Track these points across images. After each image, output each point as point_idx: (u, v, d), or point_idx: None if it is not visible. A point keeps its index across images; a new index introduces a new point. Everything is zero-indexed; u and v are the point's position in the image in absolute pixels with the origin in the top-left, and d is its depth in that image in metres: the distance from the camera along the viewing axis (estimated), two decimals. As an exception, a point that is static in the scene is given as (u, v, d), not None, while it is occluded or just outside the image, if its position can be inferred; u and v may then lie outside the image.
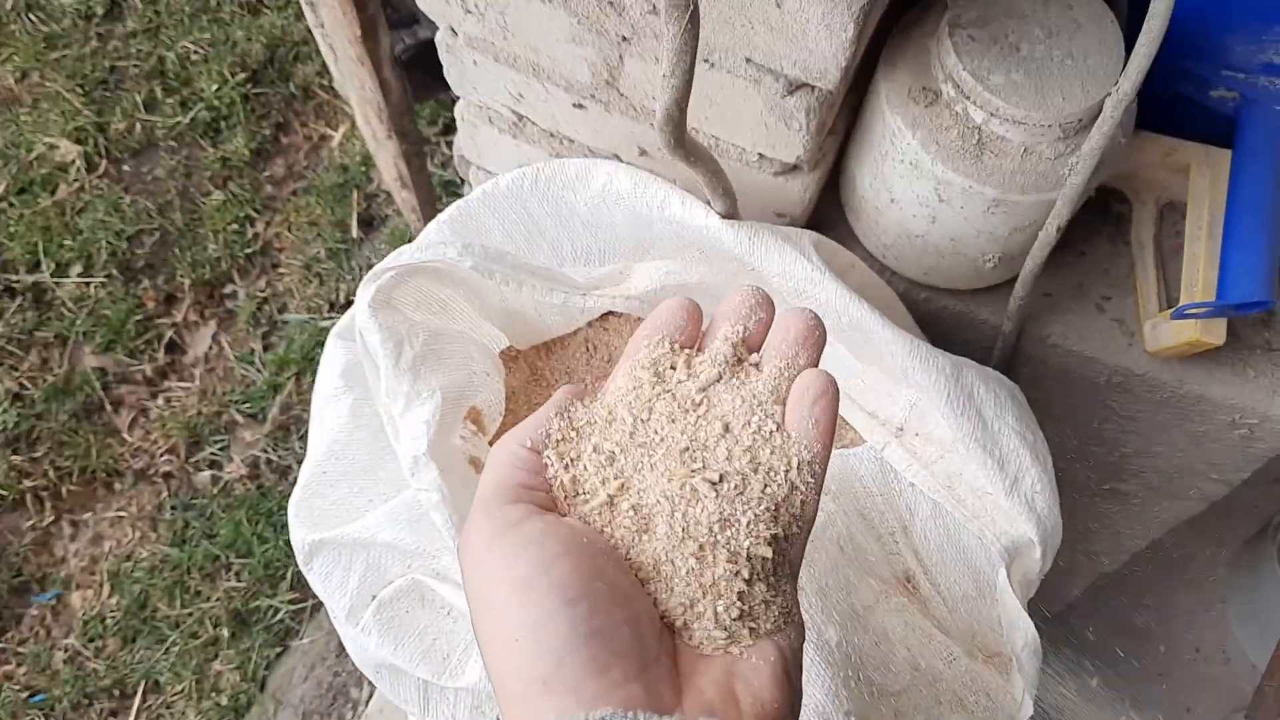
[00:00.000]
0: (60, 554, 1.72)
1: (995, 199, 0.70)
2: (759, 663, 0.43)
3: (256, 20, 2.07)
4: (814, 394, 0.47)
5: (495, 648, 0.41)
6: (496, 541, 0.42)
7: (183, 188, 1.95)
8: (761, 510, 0.45)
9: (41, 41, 2.05)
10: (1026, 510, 0.70)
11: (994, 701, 0.74)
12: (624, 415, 0.48)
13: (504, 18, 0.76)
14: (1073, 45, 0.69)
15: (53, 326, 1.83)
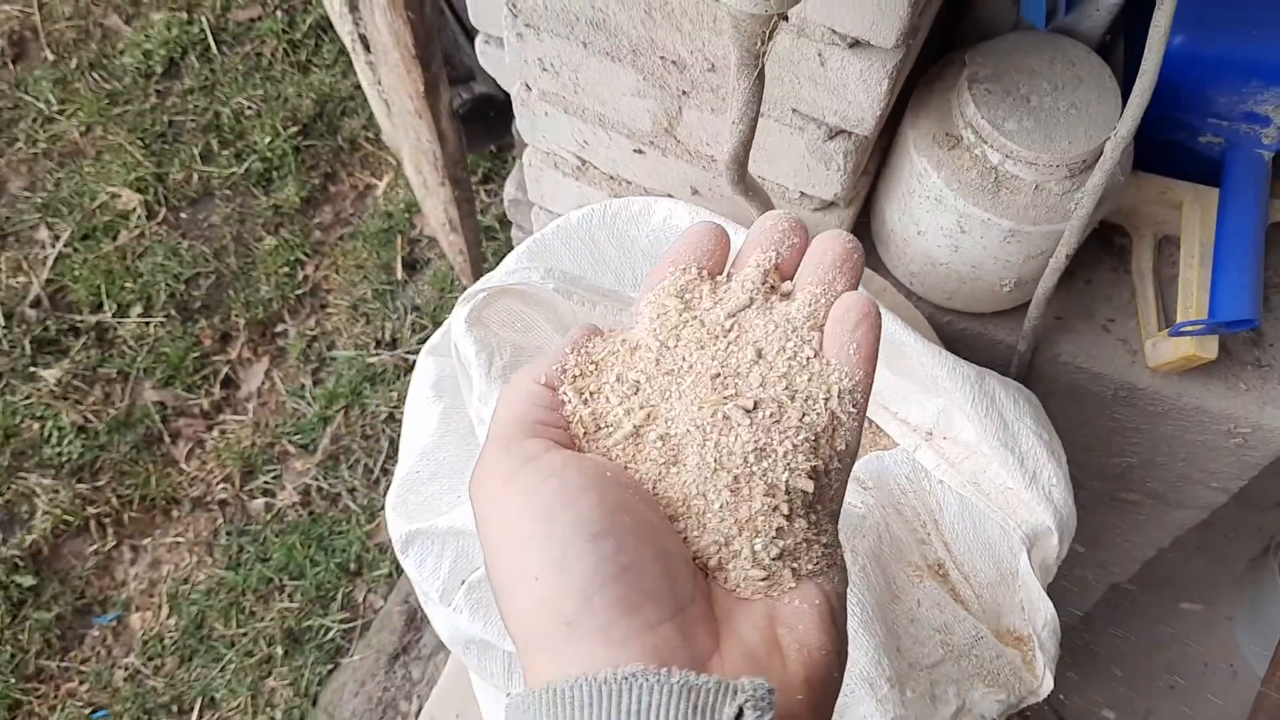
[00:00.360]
0: (121, 577, 1.81)
1: (1011, 229, 0.80)
2: (803, 606, 0.40)
3: (306, 78, 2.20)
4: (855, 317, 0.44)
5: (514, 589, 0.38)
6: (514, 476, 0.39)
7: (237, 233, 2.06)
8: (800, 440, 0.42)
9: (105, 98, 2.18)
10: (1044, 501, 0.79)
11: (1019, 678, 0.83)
12: (649, 343, 0.45)
13: (576, 75, 0.87)
14: (1076, 97, 0.79)
15: (115, 363, 1.93)
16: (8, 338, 1.94)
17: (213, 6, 2.27)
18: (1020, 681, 0.83)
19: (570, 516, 0.37)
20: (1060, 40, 0.82)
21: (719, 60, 0.78)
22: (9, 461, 1.85)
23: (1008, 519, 0.81)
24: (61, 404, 1.89)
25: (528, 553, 0.37)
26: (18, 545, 1.79)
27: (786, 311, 0.45)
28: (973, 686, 0.82)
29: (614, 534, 0.37)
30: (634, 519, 0.38)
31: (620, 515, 0.38)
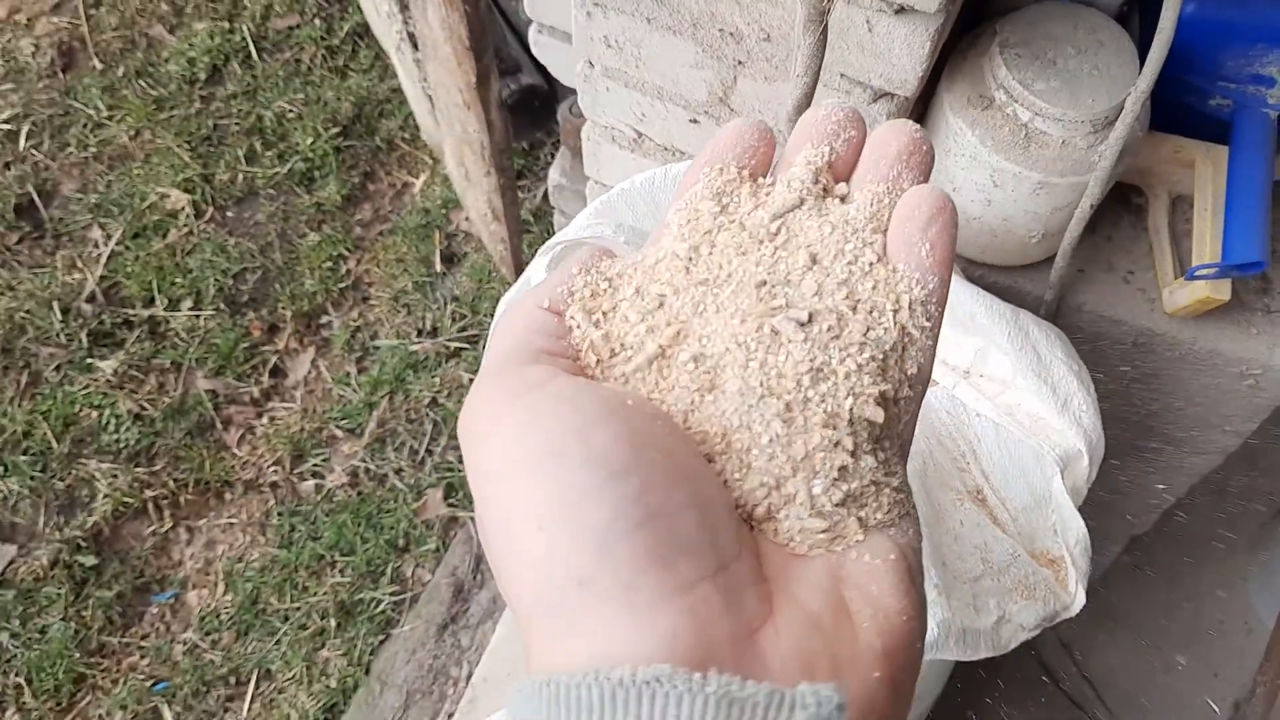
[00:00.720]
0: (178, 557, 1.89)
1: (1040, 182, 0.89)
2: (875, 562, 0.33)
3: (344, 82, 2.29)
4: (926, 213, 0.37)
5: (512, 545, 0.31)
6: (513, 406, 0.32)
7: (281, 230, 2.15)
8: (865, 359, 0.35)
9: (152, 104, 2.27)
10: (1075, 426, 0.87)
11: (1053, 594, 0.91)
12: (677, 249, 0.38)
13: (639, 50, 0.95)
14: (1098, 60, 0.88)
15: (168, 355, 2.02)
16: (65, 331, 2.02)
17: (253, 15, 2.37)
18: (1055, 597, 0.91)
19: (583, 450, 0.30)
20: (1082, 10, 0.90)
21: (774, 30, 0.86)
22: (70, 448, 1.93)
23: (1041, 444, 0.89)
24: (118, 393, 1.97)
25: (529, 498, 0.30)
26: (80, 527, 1.87)
27: (845, 213, 0.38)
28: (1011, 599, 0.89)
29: (639, 471, 0.30)
30: (663, 454, 0.32)
31: (646, 449, 0.31)
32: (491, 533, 0.32)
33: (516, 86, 1.49)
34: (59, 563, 1.85)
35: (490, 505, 0.32)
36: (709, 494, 0.32)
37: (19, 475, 1.90)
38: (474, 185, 1.70)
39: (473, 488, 0.33)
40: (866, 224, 0.38)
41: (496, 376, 0.34)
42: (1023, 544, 0.91)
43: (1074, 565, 0.89)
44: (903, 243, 0.37)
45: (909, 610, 0.32)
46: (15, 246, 2.12)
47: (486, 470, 0.32)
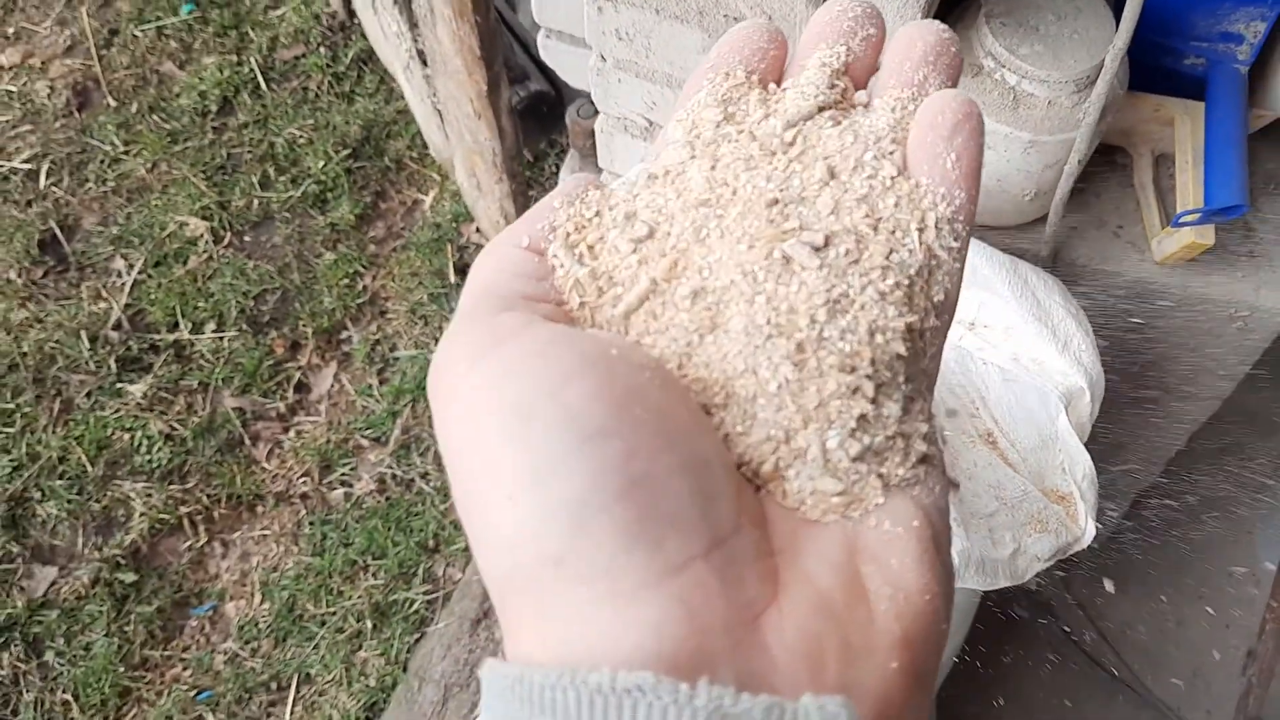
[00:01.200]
0: (214, 570, 1.94)
1: (1030, 140, 0.95)
2: (895, 530, 0.30)
3: (352, 106, 2.37)
4: (951, 121, 0.34)
5: (482, 516, 0.28)
6: (481, 360, 0.29)
7: (298, 251, 2.22)
8: (889, 286, 0.32)
9: (166, 137, 2.34)
10: (1076, 365, 0.93)
11: (1065, 527, 0.96)
12: (674, 165, 0.35)
13: (649, 40, 1.02)
14: (1077, 24, 0.94)
15: (195, 376, 2.08)
16: (94, 359, 2.09)
17: (260, 48, 2.44)
18: (1066, 529, 0.96)
19: (557, 409, 0.27)
20: (1059, -20, 0.97)
21: (775, 11, 0.93)
22: (105, 471, 1.99)
23: (1045, 384, 0.95)
24: (149, 415, 2.03)
25: (498, 465, 0.27)
26: (118, 546, 1.92)
27: (865, 122, 0.35)
28: (1026, 532, 0.95)
29: (620, 433, 0.27)
30: (650, 411, 0.28)
31: (630, 406, 0.28)
32: (462, 506, 0.29)
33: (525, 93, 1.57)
34: (100, 581, 1.90)
35: (458, 474, 0.29)
36: (705, 454, 0.29)
37: (56, 499, 1.96)
38: (485, 194, 1.77)
39: (442, 453, 0.29)
40: (887, 133, 0.34)
41: (465, 327, 0.31)
42: (1033, 482, 0.97)
43: (1082, 499, 0.95)
44: (926, 154, 0.34)
45: (932, 587, 0.29)
46: (41, 280, 2.19)
47: (452, 435, 0.29)
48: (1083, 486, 0.95)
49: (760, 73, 0.37)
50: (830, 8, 0.37)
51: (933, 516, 0.31)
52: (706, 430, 0.30)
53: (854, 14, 0.37)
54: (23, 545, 1.94)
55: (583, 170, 1.50)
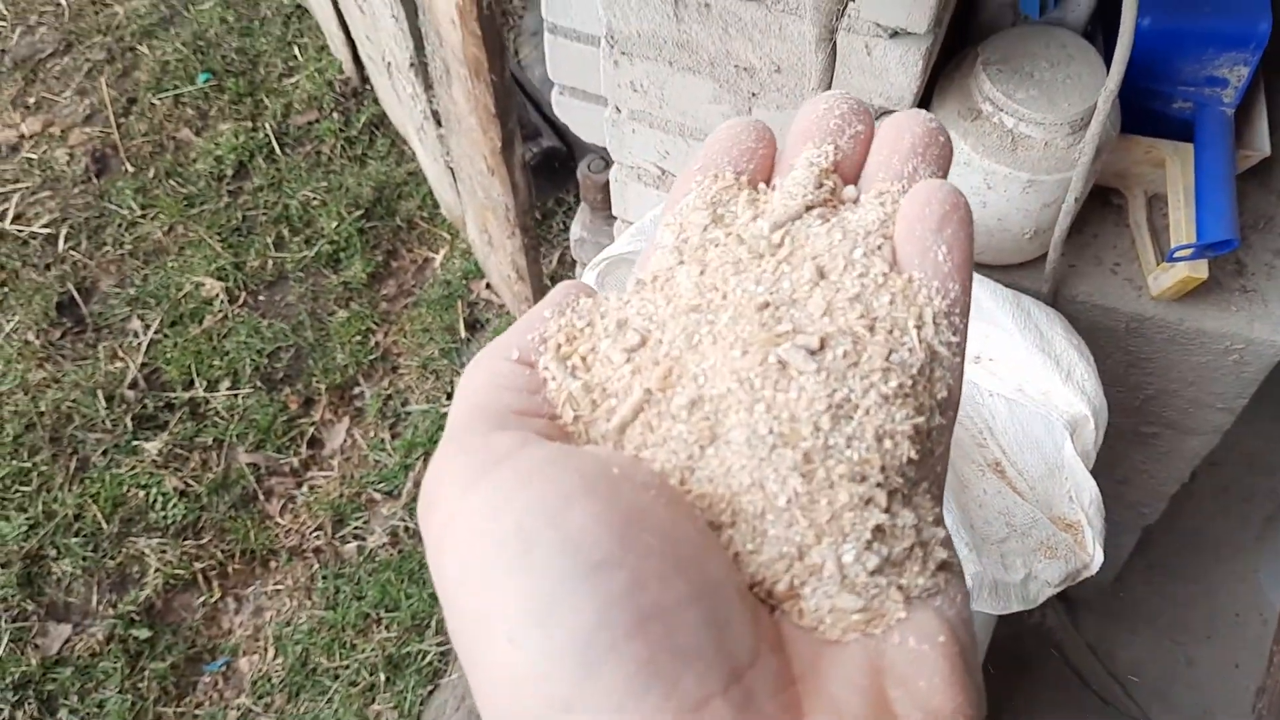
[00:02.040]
0: (228, 626, 1.95)
1: (1029, 180, 0.99)
2: (921, 648, 0.28)
3: (364, 169, 2.43)
4: (939, 212, 0.33)
5: (482, 656, 0.26)
6: (476, 484, 0.28)
7: (311, 310, 2.26)
8: (892, 389, 0.31)
9: (183, 200, 2.40)
10: (1079, 394, 0.96)
11: (1074, 554, 0.99)
12: (664, 271, 0.35)
13: (662, 91, 1.07)
14: (1070, 70, 0.99)
15: (210, 433, 2.11)
16: (110, 417, 2.12)
17: (274, 114, 2.51)
18: (1076, 556, 0.99)
19: (558, 538, 0.26)
20: (1053, 29, 1.02)
21: (784, 62, 0.98)
22: (119, 528, 2.01)
23: (1050, 413, 0.98)
24: (164, 472, 2.06)
25: (498, 599, 0.26)
26: (133, 602, 1.94)
27: (854, 219, 0.34)
28: (1036, 558, 0.98)
29: (627, 561, 0.26)
30: (657, 535, 0.27)
31: (636, 530, 0.27)
32: (458, 642, 0.27)
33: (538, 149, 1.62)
34: (113, 638, 1.91)
35: (454, 610, 0.27)
36: (716, 578, 0.27)
37: (71, 556, 1.98)
38: (497, 249, 1.82)
39: (437, 586, 0.28)
40: (877, 228, 0.34)
41: (457, 447, 0.29)
42: (1042, 510, 1.00)
43: (1090, 525, 0.98)
44: (916, 246, 0.33)
45: (965, 708, 0.27)
46: (59, 341, 2.23)
47: (447, 566, 0.27)
48: (1090, 513, 0.98)
49: (749, 173, 0.36)
50: (816, 105, 0.37)
51: (958, 630, 0.29)
52: (715, 551, 0.29)
53: (840, 112, 0.36)
54: (37, 603, 1.96)
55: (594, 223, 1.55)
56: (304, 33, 2.66)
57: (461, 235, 2.28)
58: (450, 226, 2.33)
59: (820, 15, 0.77)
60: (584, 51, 1.15)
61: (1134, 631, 1.65)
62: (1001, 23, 1.06)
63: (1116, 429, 1.29)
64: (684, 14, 0.96)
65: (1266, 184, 1.15)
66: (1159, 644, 1.64)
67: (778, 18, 0.94)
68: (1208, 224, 1.01)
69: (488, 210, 1.74)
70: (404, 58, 1.68)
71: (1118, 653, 1.64)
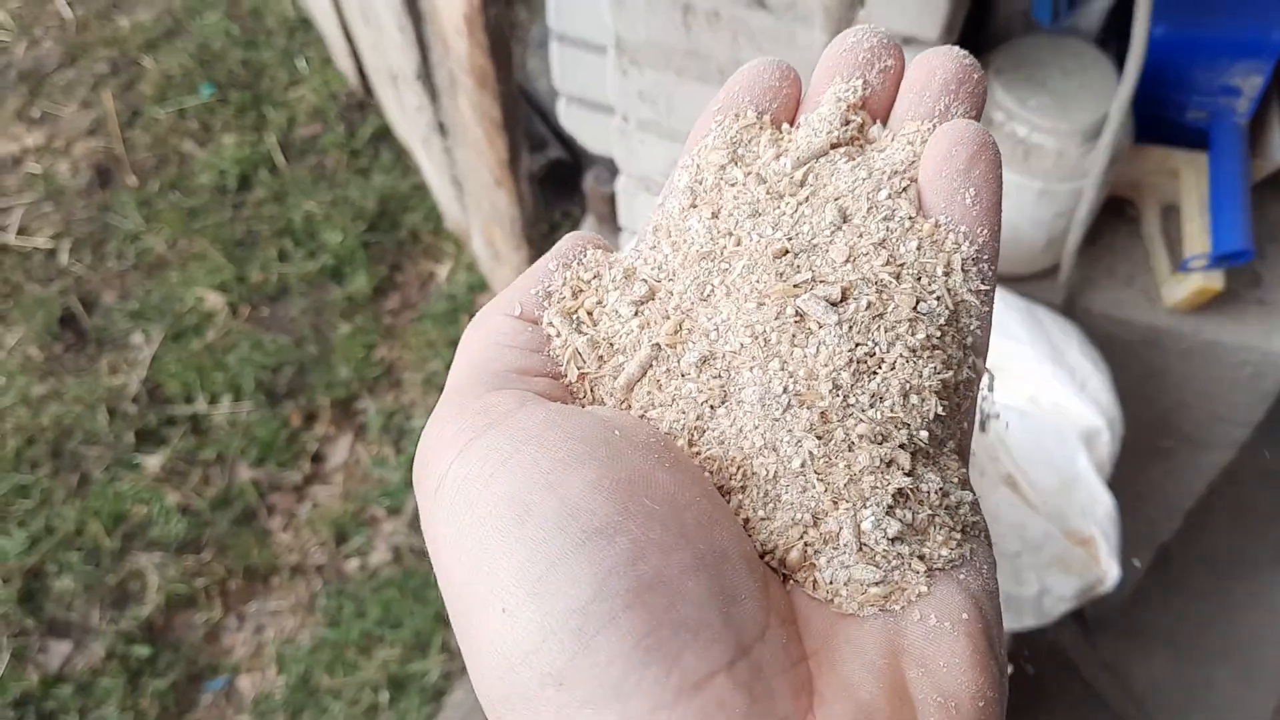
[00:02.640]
0: (229, 643, 1.93)
1: (1041, 189, 0.98)
2: (943, 626, 0.27)
3: (368, 181, 2.42)
4: (967, 153, 0.31)
5: (474, 628, 0.25)
6: (472, 444, 0.27)
7: (314, 324, 2.25)
8: (920, 341, 0.29)
9: (186, 213, 2.39)
10: (1094, 405, 0.95)
11: (1088, 568, 0.97)
12: (676, 215, 0.32)
13: (670, 100, 1.06)
14: (1083, 79, 0.98)
15: (212, 448, 2.09)
16: (112, 432, 2.10)
17: (278, 126, 2.51)
18: (1090, 571, 0.97)
19: (554, 504, 0.25)
20: (1065, 38, 1.01)
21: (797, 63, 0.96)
22: (120, 544, 1.99)
23: (1063, 425, 0.96)
24: (165, 487, 2.04)
25: (491, 569, 0.25)
26: (133, 618, 1.92)
27: (882, 158, 0.32)
28: (1050, 573, 0.96)
29: (627, 528, 0.24)
30: (660, 500, 0.26)
31: (637, 496, 0.25)
32: (453, 614, 0.26)
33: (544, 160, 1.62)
34: (114, 655, 1.89)
35: (448, 580, 0.26)
36: (723, 546, 0.26)
37: (72, 573, 1.96)
38: (503, 262, 1.80)
39: (431, 555, 0.27)
40: (905, 168, 0.32)
41: (452, 409, 0.28)
42: (1055, 524, 0.98)
43: (1104, 540, 0.96)
44: (943, 189, 0.31)
45: (987, 691, 0.26)
46: (61, 355, 2.22)
47: (439, 535, 0.26)
48: (1105, 527, 0.96)
49: (772, 112, 0.35)
50: (845, 39, 0.35)
51: (983, 604, 0.27)
52: (724, 517, 0.27)
53: (869, 45, 0.34)
54: (38, 620, 1.94)
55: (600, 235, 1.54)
56: (308, 45, 2.66)
57: (467, 248, 2.27)
58: (455, 239, 2.31)
59: (830, 22, 0.76)
60: (591, 61, 1.14)
61: (1150, 651, 1.63)
62: (1013, 31, 1.05)
63: (1131, 443, 1.27)
64: (693, 22, 0.95)
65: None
66: (1176, 664, 1.61)
67: (788, 25, 0.92)
68: (1223, 234, 1.00)
69: (494, 223, 1.73)
70: (409, 68, 1.67)
71: (1134, 673, 1.62)
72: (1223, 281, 1.02)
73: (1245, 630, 1.67)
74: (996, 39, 1.05)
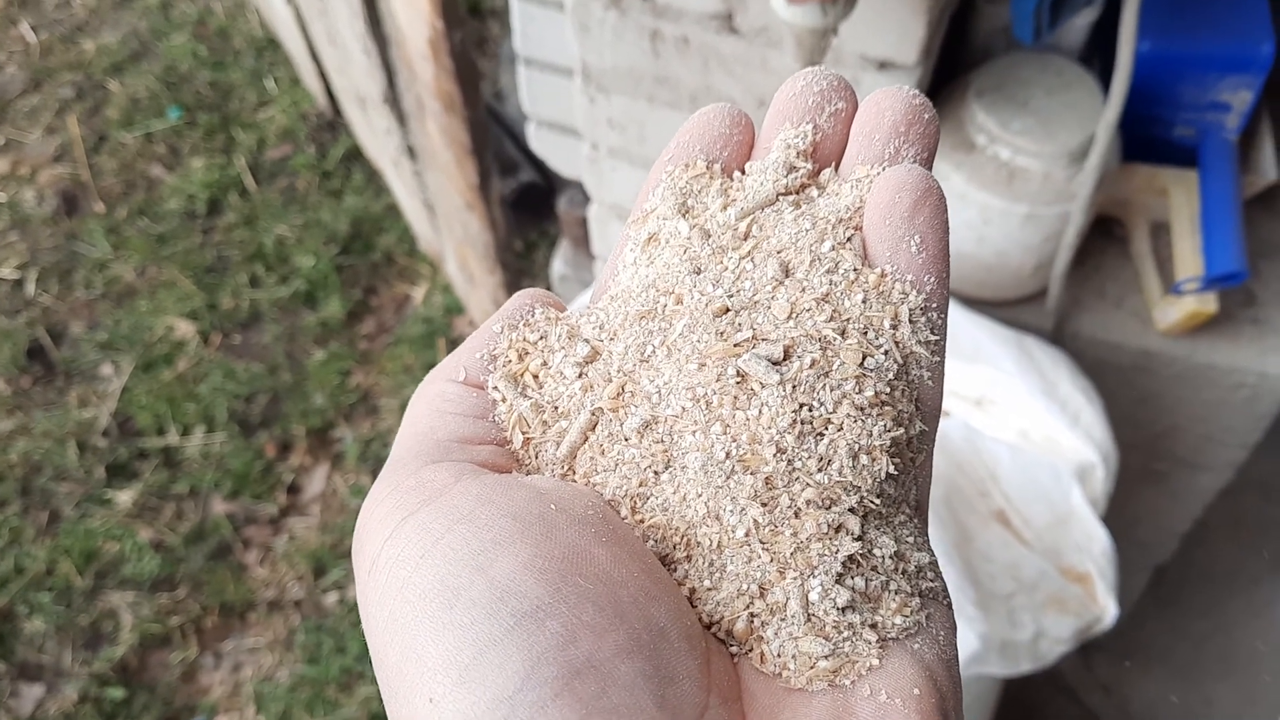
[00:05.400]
0: (206, 683, 1.88)
1: (1027, 213, 0.94)
2: (893, 703, 0.25)
3: (340, 203, 2.38)
4: (909, 200, 0.30)
5: (403, 717, 0.25)
6: (404, 525, 0.26)
7: (288, 350, 2.20)
8: (868, 399, 0.27)
9: (155, 240, 2.34)
10: (1087, 439, 0.91)
11: (1085, 607, 0.93)
12: (618, 275, 0.32)
13: (641, 128, 1.02)
14: (1067, 98, 0.94)
15: (184, 481, 2.04)
16: (82, 466, 2.05)
17: (247, 148, 2.46)
18: (1087, 609, 0.93)
19: (483, 587, 0.24)
20: (1048, 56, 0.97)
21: (766, 96, 0.93)
22: (93, 582, 1.94)
23: (1056, 461, 0.92)
24: (137, 523, 1.99)
25: (419, 655, 0.24)
26: (107, 660, 1.86)
27: (826, 206, 0.31)
28: (1045, 614, 0.92)
29: (558, 610, 0.24)
30: (593, 579, 0.25)
31: (570, 575, 0.24)
32: (385, 695, 0.25)
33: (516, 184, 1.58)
34: (88, 698, 1.84)
35: (379, 663, 0.25)
36: (660, 624, 0.25)
37: (44, 614, 1.91)
38: (478, 286, 1.76)
39: (366, 635, 0.26)
40: (850, 216, 0.31)
41: (388, 484, 0.27)
42: (1050, 560, 0.94)
43: (1101, 577, 0.92)
44: (887, 237, 0.30)
45: None
46: (29, 389, 2.16)
47: (371, 617, 0.25)
48: (1101, 564, 0.92)
49: (723, 160, 0.34)
50: (794, 82, 0.34)
51: (938, 677, 0.26)
52: (664, 591, 0.26)
53: (819, 89, 0.33)
54: (9, 663, 1.88)
55: (575, 259, 1.50)
56: (277, 65, 2.61)
57: (442, 271, 2.23)
58: (430, 262, 2.27)
59: (802, 50, 0.72)
60: (560, 84, 1.10)
61: (1148, 671, 1.60)
62: (994, 50, 1.01)
63: (1126, 467, 1.24)
64: (662, 49, 0.91)
65: (1275, 211, 1.10)
66: (1174, 683, 1.58)
67: (759, 50, 0.89)
68: (1215, 256, 0.96)
69: (467, 246, 1.69)
70: (376, 92, 1.63)
71: (1132, 694, 1.58)
72: (1216, 304, 0.98)
73: (1244, 647, 1.64)
74: (977, 59, 1.02)
